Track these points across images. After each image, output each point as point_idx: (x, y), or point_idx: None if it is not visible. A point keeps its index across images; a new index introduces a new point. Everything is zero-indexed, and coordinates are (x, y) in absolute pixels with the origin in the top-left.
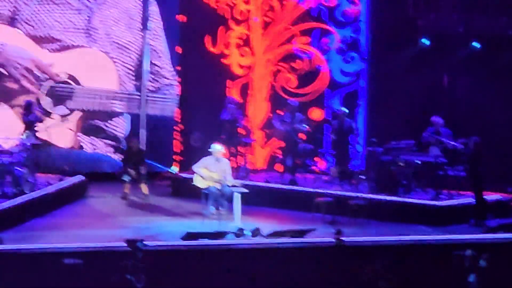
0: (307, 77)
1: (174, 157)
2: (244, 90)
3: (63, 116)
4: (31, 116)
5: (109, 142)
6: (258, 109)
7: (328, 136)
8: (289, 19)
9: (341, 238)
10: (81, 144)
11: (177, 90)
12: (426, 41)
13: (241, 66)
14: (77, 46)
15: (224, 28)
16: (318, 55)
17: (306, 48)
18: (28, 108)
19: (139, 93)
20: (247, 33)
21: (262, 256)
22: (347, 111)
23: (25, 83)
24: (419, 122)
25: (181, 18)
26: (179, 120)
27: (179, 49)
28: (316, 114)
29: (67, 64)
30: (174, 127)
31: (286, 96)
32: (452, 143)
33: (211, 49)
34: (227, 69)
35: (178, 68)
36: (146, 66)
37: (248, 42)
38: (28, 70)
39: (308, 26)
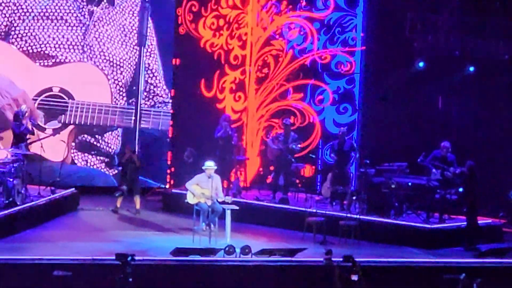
0: (301, 132)
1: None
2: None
3: (56, 130)
4: (22, 128)
5: (102, 158)
6: (250, 165)
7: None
8: (283, 75)
9: (331, 258)
10: (74, 159)
11: (170, 108)
12: (421, 63)
13: (235, 111)
14: (71, 61)
15: (220, 72)
16: (311, 111)
17: (299, 104)
18: (18, 119)
19: (132, 107)
20: (242, 78)
21: (251, 274)
22: (346, 130)
23: (8, 114)
24: (412, 144)
25: (175, 61)
26: (172, 137)
27: (172, 92)
28: (308, 171)
29: (60, 78)
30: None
31: None
32: (450, 169)
33: (206, 93)
34: (221, 113)
35: (172, 111)
36: (141, 83)
37: (242, 87)
38: (15, 101)
39: (301, 82)
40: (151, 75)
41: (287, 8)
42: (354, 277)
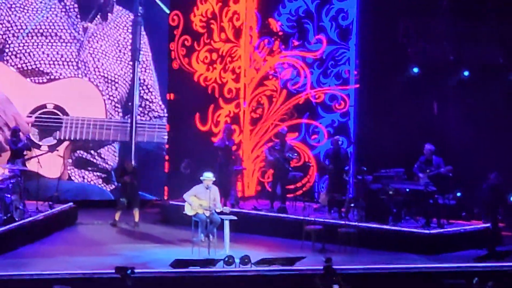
0: (296, 179)
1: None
2: None
3: (51, 147)
4: (19, 144)
5: (99, 174)
6: (247, 175)
7: None
8: (277, 116)
9: (331, 265)
10: (71, 176)
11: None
12: (415, 69)
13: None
14: (65, 78)
15: (214, 106)
16: (306, 150)
17: (294, 144)
18: (15, 135)
19: (127, 121)
20: (236, 111)
21: (251, 284)
22: (340, 138)
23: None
24: (409, 150)
25: (169, 96)
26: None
27: (167, 127)
28: None
29: (54, 95)
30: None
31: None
32: (440, 170)
33: (200, 127)
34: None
35: (167, 146)
36: (136, 99)
37: (237, 120)
38: (6, 125)
39: (295, 122)
40: (146, 91)
41: (279, 47)
42: (335, 287)
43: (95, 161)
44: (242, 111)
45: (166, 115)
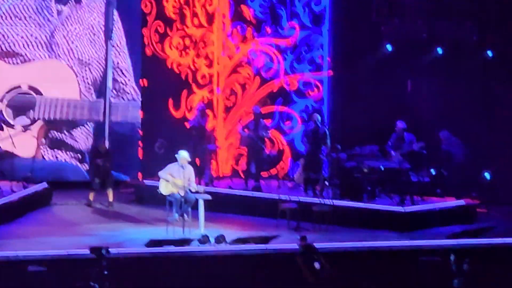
0: (272, 159)
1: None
2: None
3: (25, 126)
4: None
5: (72, 154)
6: (222, 154)
7: None
8: (250, 103)
9: (307, 244)
10: (44, 157)
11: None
12: (389, 47)
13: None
14: (39, 59)
15: (187, 92)
16: (279, 137)
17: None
18: None
19: (100, 100)
20: (210, 97)
21: (226, 263)
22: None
23: None
24: (383, 128)
25: (142, 82)
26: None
27: (140, 113)
28: None
29: (28, 76)
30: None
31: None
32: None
33: (174, 112)
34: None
35: (140, 132)
36: (109, 80)
37: (210, 106)
38: None
39: (269, 109)
40: (120, 73)
41: (252, 34)
42: (317, 265)
43: (69, 142)
44: (216, 98)
45: (140, 98)
